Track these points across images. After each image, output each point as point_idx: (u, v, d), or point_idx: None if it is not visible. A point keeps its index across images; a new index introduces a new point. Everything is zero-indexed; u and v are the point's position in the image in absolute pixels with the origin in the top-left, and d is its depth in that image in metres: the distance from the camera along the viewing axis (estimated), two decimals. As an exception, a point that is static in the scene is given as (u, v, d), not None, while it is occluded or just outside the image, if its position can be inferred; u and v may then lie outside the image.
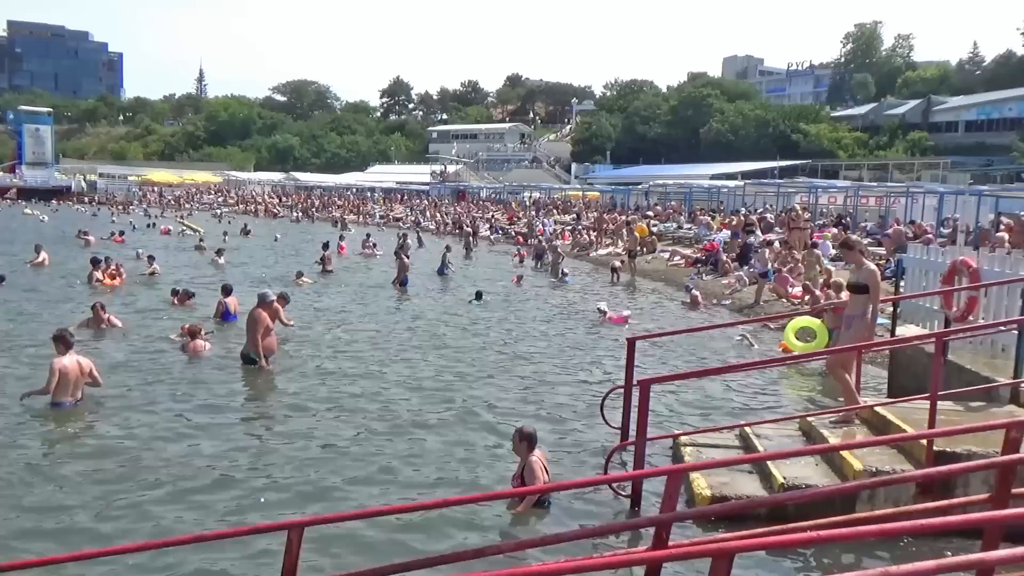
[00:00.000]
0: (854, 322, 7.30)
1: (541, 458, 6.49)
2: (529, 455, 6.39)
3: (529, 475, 6.27)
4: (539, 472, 6.31)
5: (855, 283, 7.34)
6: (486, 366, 11.27)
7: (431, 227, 46.96)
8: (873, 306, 7.18)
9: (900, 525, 4.72)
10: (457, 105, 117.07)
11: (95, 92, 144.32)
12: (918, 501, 5.52)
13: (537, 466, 6.33)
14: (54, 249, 24.53)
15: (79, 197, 74.62)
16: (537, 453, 6.47)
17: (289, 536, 4.24)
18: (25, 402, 8.45)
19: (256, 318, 10.57)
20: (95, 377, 8.81)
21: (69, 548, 5.31)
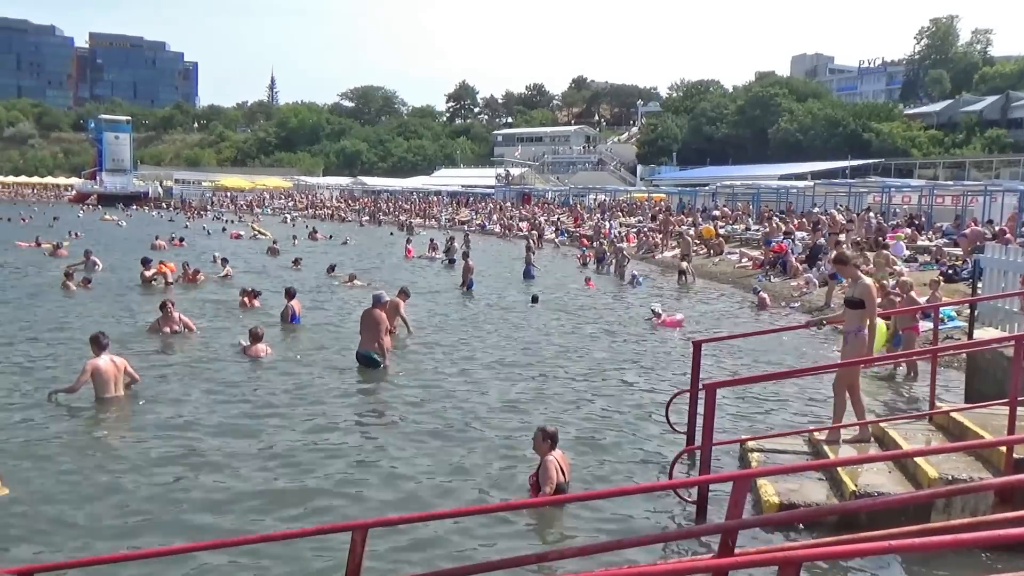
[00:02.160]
0: (850, 337, 7.25)
1: (559, 458, 6.47)
2: (548, 454, 6.39)
3: (543, 474, 6.29)
4: (553, 472, 6.30)
5: (851, 298, 7.30)
6: (546, 368, 11.25)
7: (495, 230, 47.23)
8: (870, 321, 7.12)
9: (977, 536, 4.50)
10: (522, 108, 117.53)
11: (171, 100, 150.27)
12: (997, 511, 5.28)
13: (552, 466, 6.32)
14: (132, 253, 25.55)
15: (156, 202, 77.71)
16: (556, 453, 6.47)
17: (353, 537, 4.30)
18: (65, 399, 8.72)
19: (376, 318, 10.77)
20: (131, 373, 9.14)
21: (143, 545, 5.47)
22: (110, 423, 8.40)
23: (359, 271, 22.45)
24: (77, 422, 8.31)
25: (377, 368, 10.72)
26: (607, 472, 7.14)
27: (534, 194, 64.65)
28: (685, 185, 54.58)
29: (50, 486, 6.43)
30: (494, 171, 79.23)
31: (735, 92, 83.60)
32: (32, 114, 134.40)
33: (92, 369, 8.75)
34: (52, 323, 13.69)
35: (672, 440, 7.80)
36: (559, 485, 6.31)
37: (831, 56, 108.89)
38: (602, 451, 7.68)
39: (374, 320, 10.85)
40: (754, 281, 21.15)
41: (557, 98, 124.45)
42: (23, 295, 17.00)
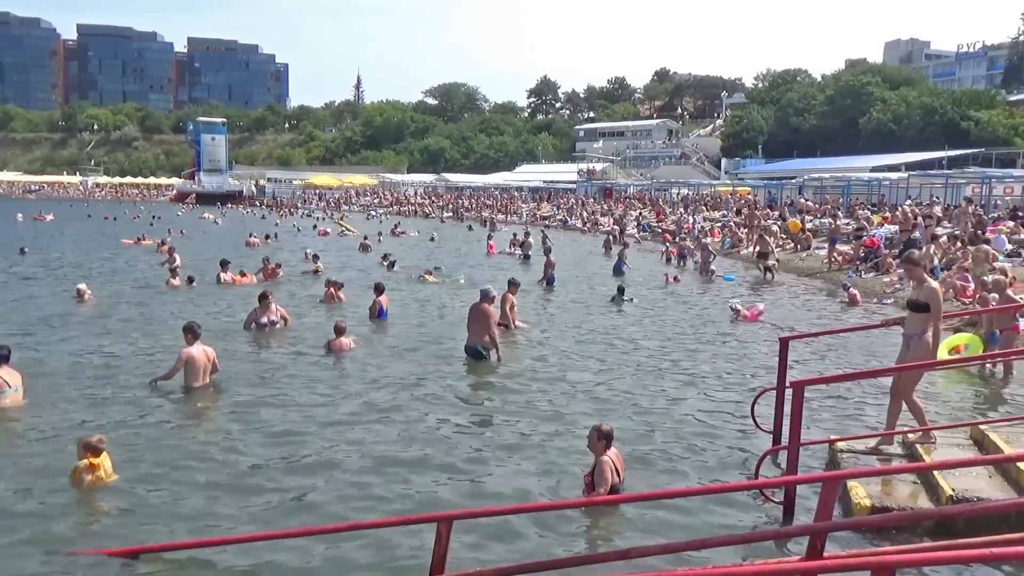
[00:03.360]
0: (912, 341, 6.97)
1: (614, 458, 6.40)
2: (603, 454, 6.35)
3: (598, 474, 6.23)
4: (608, 472, 6.23)
5: (915, 301, 7.00)
6: (627, 364, 11.19)
7: (577, 225, 47.12)
8: (934, 325, 6.86)
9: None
10: (604, 103, 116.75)
11: (263, 102, 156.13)
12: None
13: (607, 466, 6.25)
14: (227, 251, 26.69)
15: (249, 201, 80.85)
16: (611, 452, 6.41)
17: (439, 528, 4.43)
18: (161, 386, 9.26)
19: (485, 311, 11.01)
20: (215, 364, 9.55)
21: (237, 530, 5.72)
22: (202, 411, 8.80)
23: (438, 267, 22.81)
24: (173, 410, 8.77)
25: (486, 361, 10.95)
26: (689, 470, 7.07)
27: (616, 189, 64.13)
28: (771, 178, 53.09)
29: (154, 472, 6.81)
30: (576, 166, 78.94)
31: (824, 81, 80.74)
32: (136, 117, 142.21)
33: (187, 357, 9.18)
34: (158, 317, 14.48)
35: (756, 438, 7.66)
36: (613, 485, 6.27)
37: (927, 41, 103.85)
38: (684, 449, 7.61)
39: (483, 314, 11.05)
40: (844, 277, 20.45)
41: (639, 91, 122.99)
42: (131, 291, 18.05)
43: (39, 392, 9.03)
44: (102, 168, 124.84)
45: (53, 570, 5.13)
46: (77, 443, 6.46)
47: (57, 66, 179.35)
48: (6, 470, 6.78)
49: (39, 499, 6.18)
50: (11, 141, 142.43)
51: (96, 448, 6.37)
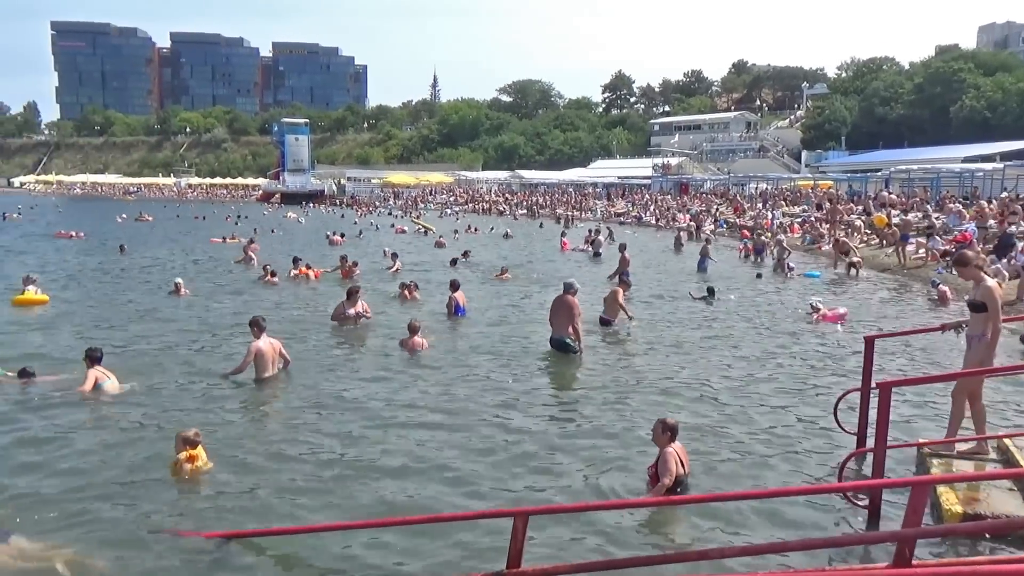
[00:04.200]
0: (974, 343, 6.69)
1: (678, 451, 6.41)
2: (667, 446, 6.35)
3: (662, 466, 6.27)
4: (672, 464, 6.26)
5: (973, 301, 6.75)
6: (709, 363, 11.04)
7: (652, 221, 46.60)
8: (993, 325, 6.57)
9: None
10: (680, 96, 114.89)
11: (343, 102, 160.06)
12: None
13: (671, 458, 6.29)
14: (308, 248, 27.53)
15: (330, 200, 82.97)
16: (676, 445, 6.42)
17: (515, 523, 4.50)
18: (237, 378, 9.69)
19: (569, 304, 11.14)
20: (284, 355, 9.97)
21: (312, 520, 5.91)
22: (280, 404, 9.10)
23: (513, 265, 22.94)
24: (253, 401, 9.14)
25: (571, 353, 11.06)
26: (769, 472, 6.95)
27: (692, 184, 63.05)
28: (855, 171, 51.15)
29: (244, 461, 7.13)
30: (651, 161, 77.99)
31: (912, 69, 77.40)
32: (224, 120, 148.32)
33: (256, 351, 9.60)
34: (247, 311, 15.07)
35: (839, 440, 7.46)
36: (678, 478, 6.29)
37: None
38: (764, 449, 7.48)
39: (566, 306, 11.14)
40: (933, 274, 19.58)
41: (716, 84, 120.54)
42: (220, 286, 18.85)
43: (136, 384, 9.56)
44: (194, 169, 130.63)
45: (156, 549, 5.46)
46: (176, 437, 6.83)
47: (152, 73, 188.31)
48: (111, 458, 7.21)
49: (142, 486, 6.55)
50: (112, 145, 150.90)
51: (193, 441, 6.75)
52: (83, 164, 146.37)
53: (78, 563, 5.31)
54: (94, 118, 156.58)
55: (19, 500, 6.28)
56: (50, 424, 8.18)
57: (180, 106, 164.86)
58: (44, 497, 6.32)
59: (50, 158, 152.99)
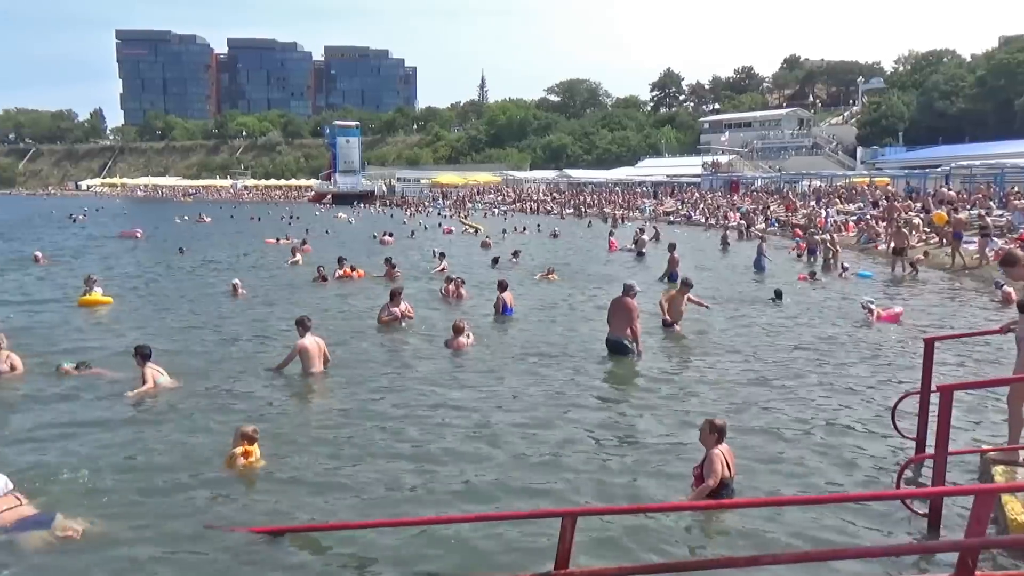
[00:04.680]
0: (1022, 345, 6.36)
1: (725, 453, 6.30)
2: (714, 447, 6.25)
3: (708, 467, 6.18)
4: (718, 465, 6.15)
5: (1022, 302, 6.53)
6: (762, 365, 10.84)
7: (700, 220, 46.03)
8: None
9: None
10: (730, 93, 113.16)
11: (393, 105, 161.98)
12: None
13: (718, 459, 6.18)
14: (358, 249, 27.83)
15: (380, 200, 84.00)
16: (723, 447, 6.30)
17: (563, 523, 4.48)
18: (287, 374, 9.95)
19: (628, 306, 11.07)
20: (325, 354, 10.17)
21: (360, 516, 5.98)
22: (329, 401, 9.21)
23: (559, 264, 22.88)
24: (303, 399, 9.31)
25: (627, 355, 11.00)
26: (822, 476, 6.79)
27: (742, 182, 62.07)
28: (913, 167, 49.69)
29: (294, 456, 7.25)
30: (700, 159, 77.05)
31: (974, 61, 74.88)
32: (279, 123, 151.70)
33: (300, 348, 9.95)
34: (298, 310, 15.36)
35: (896, 445, 7.25)
36: (724, 480, 6.18)
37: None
38: (818, 454, 7.31)
39: (626, 308, 11.08)
40: (996, 274, 18.88)
41: (767, 80, 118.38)
42: (275, 286, 19.24)
43: (190, 380, 9.84)
44: (249, 172, 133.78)
45: (207, 543, 5.59)
46: (235, 431, 7.00)
47: (211, 78, 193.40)
48: (164, 451, 7.42)
49: (196, 479, 6.72)
50: (172, 149, 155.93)
51: (251, 437, 6.90)
52: (145, 167, 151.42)
53: (122, 546, 5.51)
54: (156, 123, 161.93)
55: (72, 487, 6.53)
56: (106, 416, 8.49)
57: (237, 110, 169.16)
58: (97, 487, 6.55)
59: (114, 162, 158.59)
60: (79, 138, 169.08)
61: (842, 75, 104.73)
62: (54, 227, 46.98)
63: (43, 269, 23.44)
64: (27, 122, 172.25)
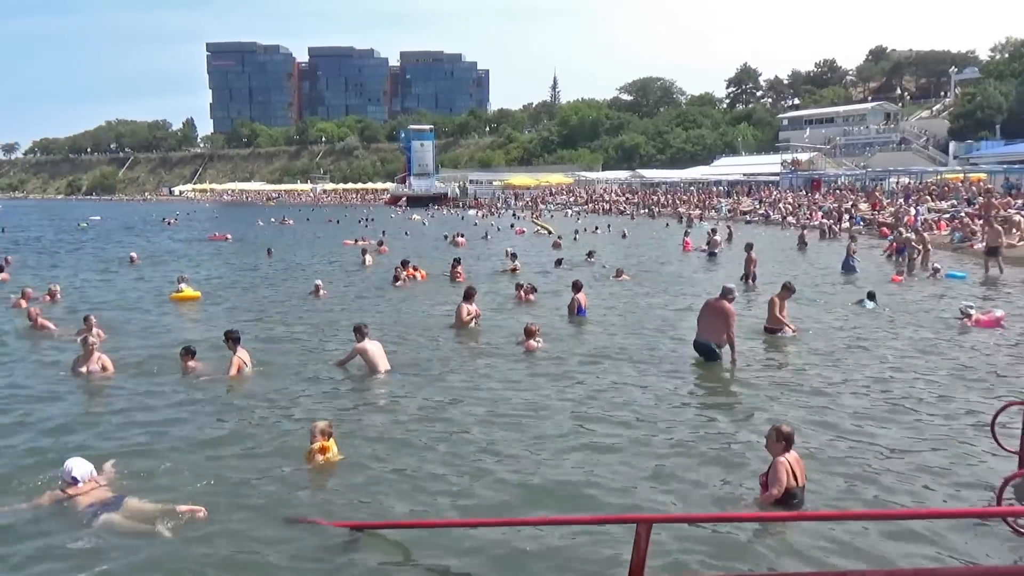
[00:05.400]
0: None
1: (792, 461, 6.04)
2: (780, 455, 6.02)
3: (772, 475, 5.98)
4: (783, 474, 5.93)
5: None
6: (852, 371, 10.38)
7: (779, 219, 44.73)
8: None
9: None
10: (810, 88, 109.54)
11: (466, 107, 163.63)
12: None
13: (783, 467, 5.96)
14: (429, 249, 28.14)
15: (453, 202, 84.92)
16: (790, 455, 6.06)
17: (638, 530, 4.36)
18: (357, 374, 10.18)
19: (724, 309, 10.69)
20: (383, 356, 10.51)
21: (433, 516, 6.01)
22: (400, 401, 9.25)
23: (630, 266, 22.57)
24: (372, 397, 9.43)
25: (715, 360, 10.70)
26: (916, 490, 6.44)
27: (825, 180, 60.00)
28: (1012, 162, 46.96)
29: (369, 453, 7.34)
30: (779, 157, 74.84)
31: (1084, 46, 70.18)
32: (356, 128, 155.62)
33: (359, 350, 10.32)
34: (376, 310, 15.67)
35: (997, 459, 6.81)
36: (790, 489, 5.95)
37: None
38: (910, 466, 6.93)
39: (721, 311, 10.70)
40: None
41: (851, 73, 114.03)
42: (355, 287, 19.63)
43: (272, 373, 10.20)
44: (328, 176, 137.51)
45: (289, 535, 5.72)
46: (311, 427, 7.13)
47: (293, 86, 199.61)
48: (246, 443, 7.64)
49: (277, 473, 6.88)
50: (257, 155, 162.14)
51: (327, 432, 7.05)
52: (232, 173, 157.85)
53: (199, 533, 5.71)
54: (242, 130, 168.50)
55: (154, 476, 6.82)
56: (190, 408, 8.89)
57: (317, 116, 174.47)
58: (178, 476, 6.81)
59: (204, 168, 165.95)
60: (173, 146, 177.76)
61: (932, 65, 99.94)
62: (149, 230, 49.48)
63: (138, 269, 24.73)
64: (126, 132, 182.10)
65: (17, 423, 8.40)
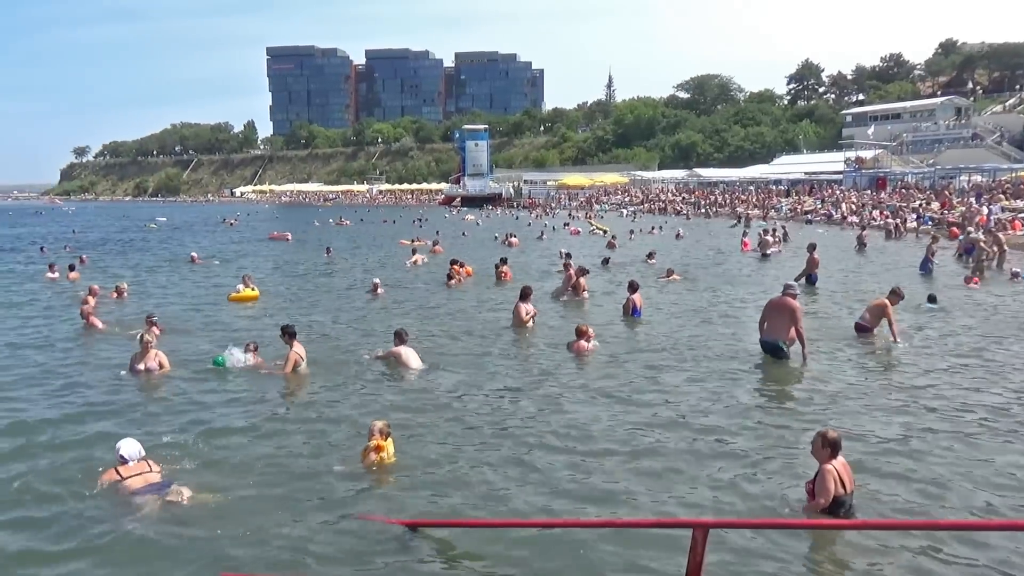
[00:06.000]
0: None
1: (840, 468, 5.80)
2: (827, 462, 5.79)
3: (819, 483, 5.74)
4: (830, 482, 5.69)
5: None
6: (927, 379, 9.97)
7: (841, 219, 43.50)
8: None
9: None
10: (876, 83, 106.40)
11: (521, 107, 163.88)
12: None
13: (830, 475, 5.71)
14: (479, 249, 28.14)
15: (507, 202, 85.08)
16: (837, 462, 5.81)
17: (694, 535, 4.25)
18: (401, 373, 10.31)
19: (790, 307, 10.44)
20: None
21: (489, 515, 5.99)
22: (450, 400, 9.25)
23: (683, 266, 22.23)
24: (426, 399, 9.37)
25: (783, 360, 10.45)
26: (995, 501, 6.15)
27: (890, 178, 58.14)
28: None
29: (424, 453, 7.36)
30: (842, 155, 72.82)
31: None
32: (411, 129, 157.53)
33: (395, 354, 10.64)
34: (431, 310, 15.79)
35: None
36: (838, 497, 5.72)
37: None
38: (988, 481, 6.62)
39: (787, 308, 10.46)
40: None
41: (919, 67, 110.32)
42: (412, 288, 19.79)
43: (328, 370, 10.35)
44: (384, 176, 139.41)
45: (347, 529, 5.80)
46: (369, 426, 7.20)
47: (350, 88, 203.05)
48: (303, 440, 7.75)
49: (332, 469, 6.96)
50: (315, 156, 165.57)
51: (384, 432, 7.11)
52: (291, 174, 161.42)
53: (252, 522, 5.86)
54: (300, 132, 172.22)
55: (209, 468, 6.99)
56: (246, 403, 9.10)
57: (373, 118, 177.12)
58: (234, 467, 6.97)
59: (264, 170, 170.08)
60: (234, 148, 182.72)
61: (1007, 58, 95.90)
62: (212, 231, 50.97)
63: (198, 268, 25.44)
64: (190, 135, 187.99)
65: (77, 415, 8.71)
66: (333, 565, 5.30)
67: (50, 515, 6.10)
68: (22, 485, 6.65)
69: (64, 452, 7.46)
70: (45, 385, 10.04)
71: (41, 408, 8.97)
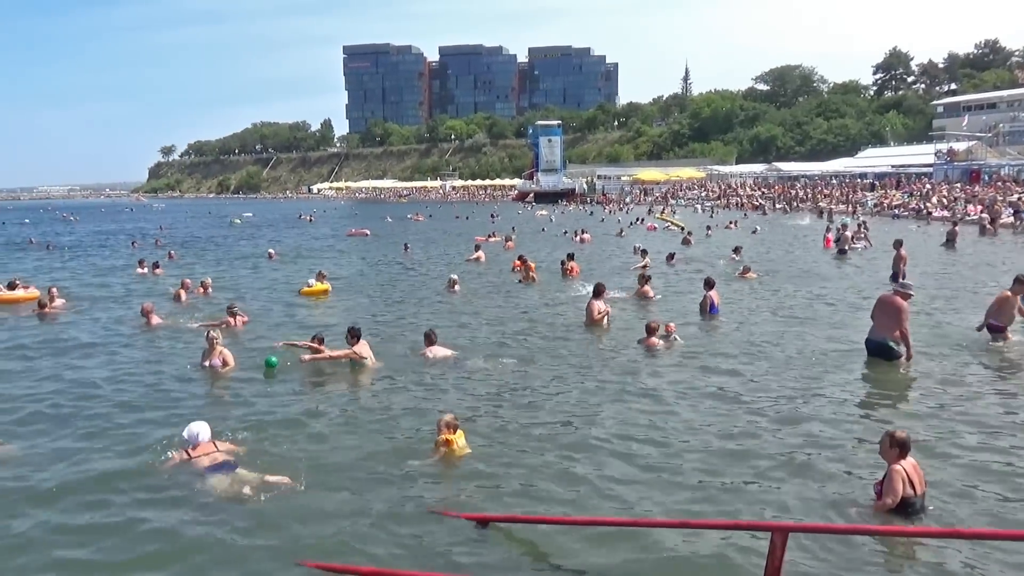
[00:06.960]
0: None
1: (909, 468, 5.64)
2: (896, 462, 5.64)
3: (887, 484, 5.62)
4: (898, 483, 5.56)
5: None
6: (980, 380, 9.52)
7: (931, 213, 41.62)
8: None
9: None
10: (970, 71, 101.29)
11: (595, 102, 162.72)
12: None
13: (898, 476, 5.59)
14: (550, 245, 27.98)
15: (581, 198, 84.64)
16: (906, 462, 5.66)
17: (773, 538, 4.16)
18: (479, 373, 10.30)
19: (897, 304, 10.10)
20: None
21: (562, 512, 5.96)
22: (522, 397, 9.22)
23: (766, 262, 21.60)
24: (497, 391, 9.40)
25: (892, 360, 10.09)
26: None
27: (985, 171, 55.26)
28: None
29: (495, 449, 7.39)
30: (933, 147, 69.56)
31: None
32: (484, 125, 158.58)
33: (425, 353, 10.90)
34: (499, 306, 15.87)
35: None
36: (907, 499, 5.56)
37: None
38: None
39: (893, 306, 10.10)
40: None
41: (1017, 53, 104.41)
42: (485, 285, 19.82)
43: (400, 366, 10.53)
44: (457, 173, 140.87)
45: (417, 521, 5.88)
46: (437, 421, 7.29)
47: (423, 85, 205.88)
48: (370, 435, 7.88)
49: (401, 464, 7.04)
50: (389, 154, 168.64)
51: (453, 425, 7.17)
52: (366, 171, 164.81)
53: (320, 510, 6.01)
54: (375, 130, 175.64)
55: (277, 460, 7.14)
56: (315, 397, 9.36)
57: (446, 114, 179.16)
58: (299, 464, 7.04)
59: (340, 167, 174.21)
60: (312, 146, 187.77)
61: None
62: (291, 227, 52.55)
63: (276, 264, 26.27)
64: (270, 134, 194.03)
65: (149, 405, 9.13)
66: (403, 558, 5.36)
67: (126, 499, 6.42)
68: (92, 470, 7.08)
69: (136, 440, 7.85)
70: (114, 376, 10.62)
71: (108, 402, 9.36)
